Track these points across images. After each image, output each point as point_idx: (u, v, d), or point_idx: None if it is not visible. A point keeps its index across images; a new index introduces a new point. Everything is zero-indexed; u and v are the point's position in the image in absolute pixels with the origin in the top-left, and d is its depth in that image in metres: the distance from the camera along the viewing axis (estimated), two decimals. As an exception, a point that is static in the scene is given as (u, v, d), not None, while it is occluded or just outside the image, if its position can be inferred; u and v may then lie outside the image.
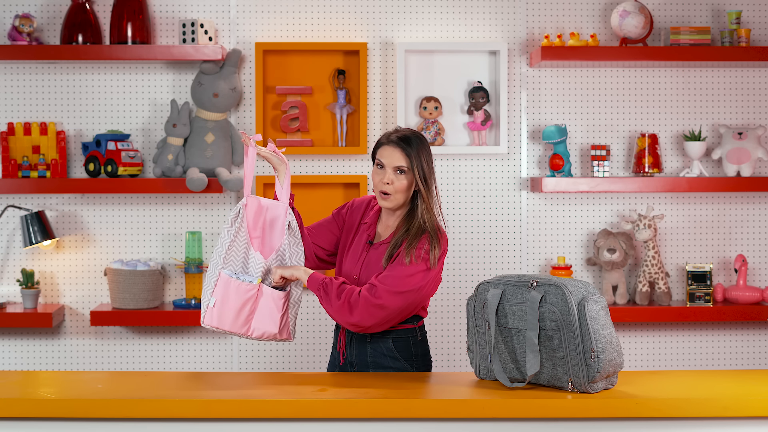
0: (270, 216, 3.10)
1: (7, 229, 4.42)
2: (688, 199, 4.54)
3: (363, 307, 2.96)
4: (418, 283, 3.00)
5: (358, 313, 2.97)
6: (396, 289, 2.97)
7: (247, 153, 3.07)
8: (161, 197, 4.44)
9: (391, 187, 3.04)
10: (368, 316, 2.98)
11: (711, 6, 4.51)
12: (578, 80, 4.50)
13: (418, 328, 3.16)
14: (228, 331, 3.03)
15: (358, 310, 2.97)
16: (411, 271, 2.99)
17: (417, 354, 3.15)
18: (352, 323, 3.00)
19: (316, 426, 2.64)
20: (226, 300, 3.00)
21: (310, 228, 3.24)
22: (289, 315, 3.08)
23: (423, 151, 3.06)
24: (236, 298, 3.01)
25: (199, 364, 4.46)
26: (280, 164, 3.12)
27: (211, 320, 3.01)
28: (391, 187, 3.04)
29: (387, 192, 3.05)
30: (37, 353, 4.43)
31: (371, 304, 2.96)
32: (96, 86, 4.42)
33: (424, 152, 3.06)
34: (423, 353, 3.17)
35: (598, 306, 2.68)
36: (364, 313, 2.97)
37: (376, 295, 2.96)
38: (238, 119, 4.45)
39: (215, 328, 3.01)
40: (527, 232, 4.50)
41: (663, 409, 2.62)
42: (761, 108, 4.54)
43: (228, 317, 3.01)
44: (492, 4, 4.47)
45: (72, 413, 2.61)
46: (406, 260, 2.99)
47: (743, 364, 4.54)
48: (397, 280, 2.97)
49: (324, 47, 4.40)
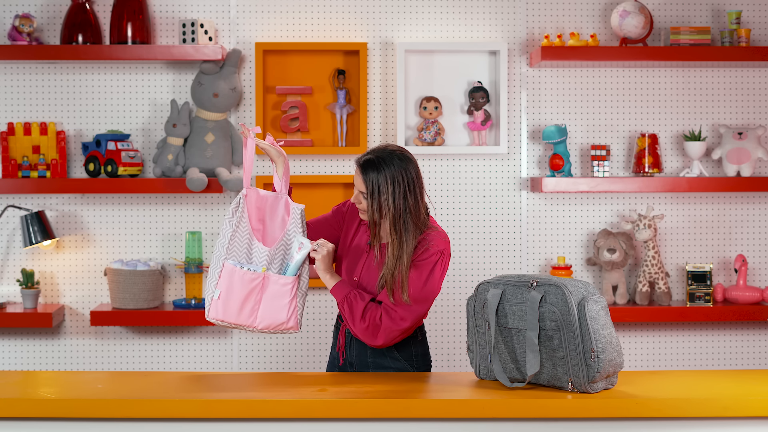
0: (270, 207, 3.11)
1: (7, 229, 4.42)
2: (688, 199, 4.54)
3: (386, 332, 3.03)
4: (433, 285, 3.04)
5: (382, 338, 3.04)
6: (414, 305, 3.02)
7: (246, 145, 3.08)
8: (161, 197, 4.44)
9: (361, 205, 3.08)
10: (392, 339, 3.06)
11: (711, 6, 4.52)
12: (578, 80, 4.50)
13: (417, 329, 3.16)
14: (233, 324, 3.02)
15: (381, 335, 3.03)
16: (423, 277, 3.02)
17: (417, 354, 3.15)
18: (376, 345, 3.07)
19: (316, 426, 2.64)
20: (230, 291, 3.00)
21: (310, 223, 3.25)
22: (297, 303, 3.08)
23: (387, 174, 3.00)
24: (241, 288, 3.01)
25: (199, 364, 4.46)
26: (279, 156, 3.13)
27: (216, 313, 3.00)
28: (361, 205, 3.08)
29: (360, 209, 3.09)
30: (37, 353, 4.43)
31: (395, 329, 3.03)
32: (96, 86, 4.42)
33: (389, 176, 3.00)
34: (423, 353, 3.17)
35: (598, 306, 2.68)
36: (388, 337, 3.04)
37: (396, 320, 3.01)
38: (238, 119, 4.45)
39: (220, 321, 3.01)
40: (527, 232, 4.50)
41: (663, 409, 2.62)
42: (761, 108, 4.54)
43: (233, 309, 3.00)
44: (492, 4, 4.47)
45: (72, 413, 2.61)
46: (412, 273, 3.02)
47: (743, 364, 4.54)
48: (414, 292, 3.01)
49: (324, 47, 4.40)
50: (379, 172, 3.00)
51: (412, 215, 3.01)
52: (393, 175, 3.01)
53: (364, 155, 3.06)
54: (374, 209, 3.01)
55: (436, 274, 3.03)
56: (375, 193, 3.00)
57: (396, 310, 3.00)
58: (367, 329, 3.02)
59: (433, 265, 3.02)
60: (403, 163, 3.03)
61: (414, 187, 3.02)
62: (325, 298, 4.45)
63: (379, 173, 3.00)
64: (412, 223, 3.01)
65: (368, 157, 3.03)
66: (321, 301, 4.45)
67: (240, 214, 3.04)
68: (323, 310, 4.45)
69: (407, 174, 3.02)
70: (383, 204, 3.00)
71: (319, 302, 4.45)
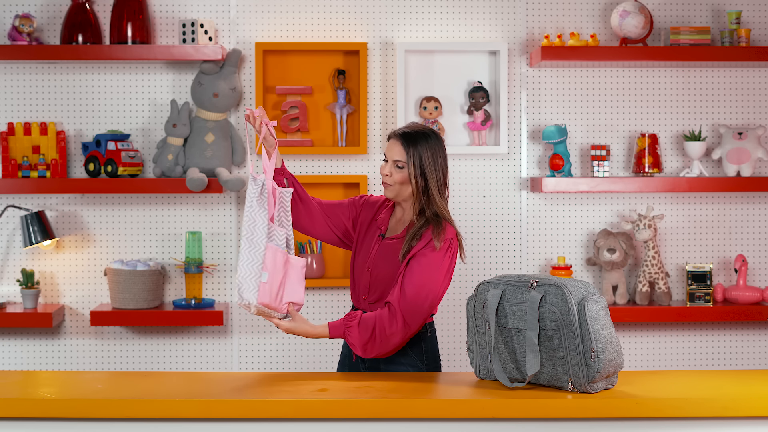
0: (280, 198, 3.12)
1: (7, 229, 4.42)
2: (688, 199, 4.54)
3: (401, 338, 3.05)
4: (435, 281, 3.05)
5: (396, 344, 3.07)
6: (415, 307, 3.03)
7: (261, 131, 3.08)
8: (161, 197, 4.44)
9: (390, 178, 3.12)
10: (407, 339, 3.08)
11: (711, 6, 4.52)
12: (578, 80, 4.50)
13: (428, 324, 3.18)
14: (272, 308, 3.00)
15: (395, 341, 3.05)
16: (425, 273, 3.03)
17: (427, 350, 3.17)
18: (397, 348, 3.09)
19: (316, 426, 2.64)
20: (275, 273, 2.99)
21: (326, 207, 3.27)
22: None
23: (426, 147, 3.10)
24: (281, 271, 3.01)
25: (199, 364, 4.46)
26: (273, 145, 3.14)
27: (264, 297, 2.97)
28: (389, 178, 3.12)
29: (388, 183, 3.13)
30: (37, 353, 4.43)
31: (408, 334, 3.05)
32: (96, 86, 4.42)
33: (428, 149, 3.10)
34: (432, 349, 3.19)
35: (598, 306, 2.68)
36: (403, 341, 3.07)
37: (408, 325, 3.03)
38: (238, 119, 4.45)
39: (264, 306, 2.98)
40: (527, 232, 4.50)
41: (663, 409, 2.62)
42: (761, 108, 4.54)
43: (273, 292, 3.00)
44: (492, 4, 4.47)
45: (72, 413, 2.61)
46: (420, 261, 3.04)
47: (743, 364, 4.54)
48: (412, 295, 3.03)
49: (324, 47, 4.40)
50: (416, 141, 3.09)
51: (439, 192, 3.10)
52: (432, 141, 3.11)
53: (397, 129, 3.16)
54: (414, 173, 3.07)
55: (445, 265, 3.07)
56: (416, 155, 3.08)
57: (406, 320, 3.03)
58: (381, 349, 3.05)
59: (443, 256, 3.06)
60: (438, 139, 3.15)
61: (445, 164, 3.14)
62: (325, 297, 4.45)
63: (416, 142, 3.09)
64: (441, 199, 3.10)
65: (406, 129, 3.13)
66: (321, 301, 4.45)
67: (265, 199, 3.04)
68: (323, 309, 4.45)
69: (442, 150, 3.14)
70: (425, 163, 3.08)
71: (319, 302, 4.45)
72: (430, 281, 3.02)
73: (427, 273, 3.03)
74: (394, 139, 3.13)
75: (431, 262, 3.03)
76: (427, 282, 3.02)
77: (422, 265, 3.03)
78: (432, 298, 3.04)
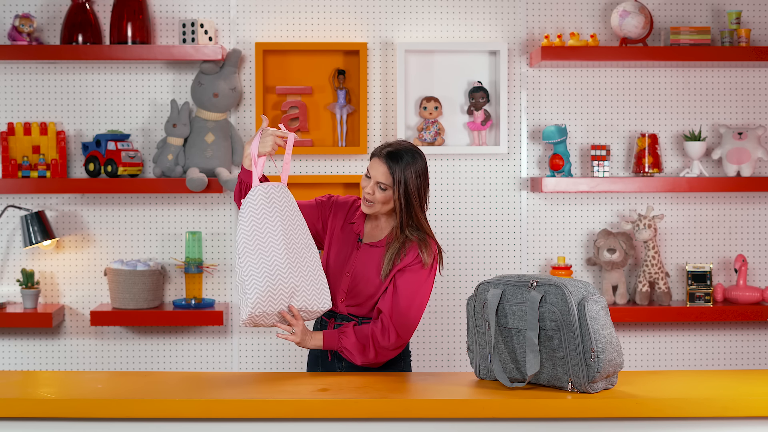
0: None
1: (7, 229, 4.42)
2: (688, 199, 4.54)
3: (395, 351, 3.12)
4: (424, 295, 3.11)
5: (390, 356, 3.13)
6: (407, 321, 3.08)
7: (288, 143, 3.10)
8: (161, 197, 4.44)
9: (372, 196, 3.10)
10: (397, 351, 3.14)
11: (711, 6, 4.52)
12: (578, 80, 4.50)
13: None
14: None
15: (385, 354, 3.11)
16: (415, 288, 3.08)
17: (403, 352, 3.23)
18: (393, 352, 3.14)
19: (316, 426, 2.64)
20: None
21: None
22: None
23: (412, 170, 3.07)
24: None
25: (199, 364, 4.46)
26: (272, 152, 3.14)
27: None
28: (372, 196, 3.10)
29: (369, 200, 3.11)
30: (37, 353, 4.43)
31: (398, 347, 3.10)
32: (96, 86, 4.42)
33: (413, 172, 3.07)
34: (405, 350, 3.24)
35: (598, 306, 2.68)
36: (394, 353, 3.13)
37: (400, 339, 3.08)
38: (238, 119, 4.45)
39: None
40: (527, 232, 4.50)
41: (663, 409, 2.62)
42: (761, 108, 4.54)
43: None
44: (492, 4, 4.47)
45: (72, 413, 2.61)
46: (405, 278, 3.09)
47: (743, 364, 4.54)
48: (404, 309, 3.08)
49: (324, 47, 4.40)
50: (402, 162, 3.06)
51: (422, 210, 3.10)
52: (417, 162, 3.09)
53: (384, 147, 3.10)
54: (399, 198, 3.06)
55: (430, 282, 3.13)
56: (401, 179, 3.05)
57: (397, 334, 3.08)
58: (374, 360, 3.10)
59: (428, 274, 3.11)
60: (422, 158, 3.12)
61: (426, 183, 3.13)
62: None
63: (402, 163, 3.06)
64: (422, 216, 3.11)
65: (392, 149, 3.08)
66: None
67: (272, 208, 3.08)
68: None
69: (424, 169, 3.12)
70: (409, 187, 3.06)
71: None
72: (419, 296, 3.09)
73: (416, 289, 3.08)
74: (378, 159, 3.08)
75: (419, 278, 3.09)
76: (417, 297, 3.09)
77: (411, 281, 3.08)
78: (421, 312, 3.11)
